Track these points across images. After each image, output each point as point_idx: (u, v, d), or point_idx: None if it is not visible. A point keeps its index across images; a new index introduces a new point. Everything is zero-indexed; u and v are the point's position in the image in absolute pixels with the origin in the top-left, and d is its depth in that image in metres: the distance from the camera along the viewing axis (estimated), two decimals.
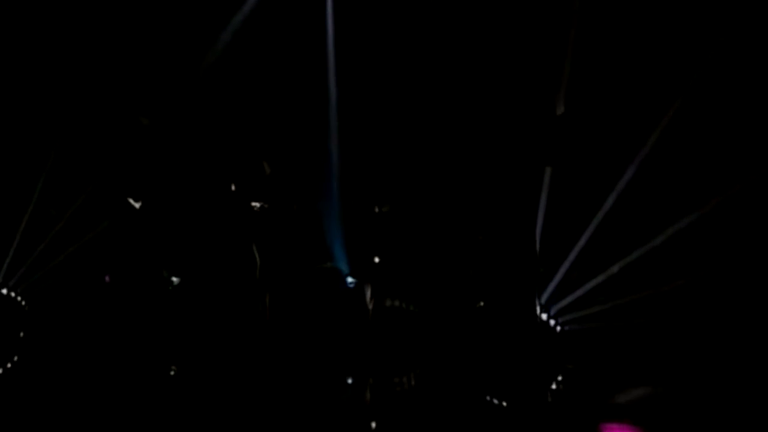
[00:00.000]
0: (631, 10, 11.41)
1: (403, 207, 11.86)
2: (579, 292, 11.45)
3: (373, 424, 11.18)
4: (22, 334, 11.96)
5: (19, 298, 12.05)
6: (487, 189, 11.61)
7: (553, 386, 11.13)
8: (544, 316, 11.37)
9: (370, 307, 11.76)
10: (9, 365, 11.73)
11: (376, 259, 11.93)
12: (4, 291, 12.06)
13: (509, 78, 11.51)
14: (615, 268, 11.16)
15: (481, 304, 11.51)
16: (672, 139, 11.33)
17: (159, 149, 12.12)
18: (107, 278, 12.12)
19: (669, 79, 11.35)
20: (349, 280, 11.87)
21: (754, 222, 11.06)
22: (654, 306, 11.21)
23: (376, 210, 12.01)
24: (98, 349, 11.76)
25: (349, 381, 11.53)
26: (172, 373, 11.70)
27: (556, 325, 11.42)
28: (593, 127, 11.53)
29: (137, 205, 12.28)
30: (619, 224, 11.39)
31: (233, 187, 12.22)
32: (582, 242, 11.43)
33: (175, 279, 12.09)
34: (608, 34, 11.45)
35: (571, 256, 11.45)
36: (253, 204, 12.14)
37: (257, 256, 11.95)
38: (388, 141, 12.01)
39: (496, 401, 11.25)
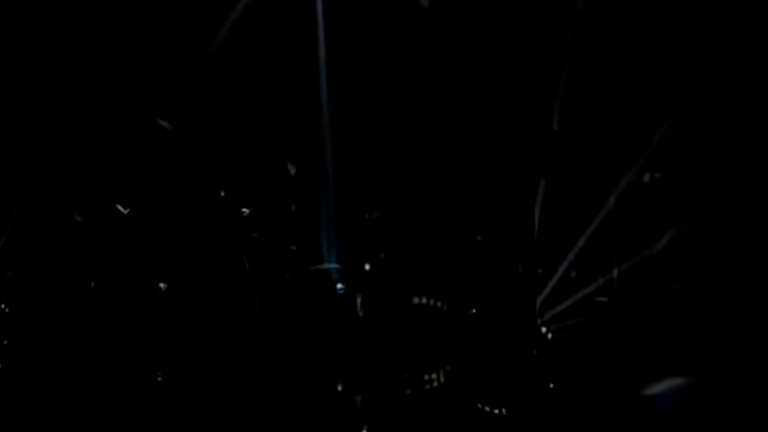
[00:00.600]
0: (625, 26, 11.44)
1: (395, 212, 11.78)
2: (570, 301, 11.37)
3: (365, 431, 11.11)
4: (5, 341, 11.76)
5: (2, 305, 11.86)
6: (485, 192, 11.59)
7: (545, 393, 11.07)
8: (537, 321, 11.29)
9: (361, 314, 11.67)
10: None
11: (367, 267, 11.85)
12: None
13: (503, 82, 11.52)
14: (614, 273, 11.10)
15: (473, 311, 11.46)
16: (666, 149, 11.35)
17: (149, 154, 12.03)
18: (92, 284, 11.99)
19: (663, 89, 11.36)
20: (339, 286, 11.77)
21: (748, 228, 11.04)
22: (646, 313, 11.14)
23: (366, 216, 11.95)
24: (83, 355, 11.58)
25: (339, 388, 11.45)
26: (159, 379, 11.57)
27: (547, 332, 11.33)
28: (587, 138, 11.51)
29: (125, 211, 12.20)
30: (611, 232, 11.33)
31: (222, 193, 12.18)
32: (573, 251, 11.37)
33: (162, 285, 11.97)
34: (604, 48, 11.46)
35: (564, 264, 11.38)
36: (243, 210, 12.09)
37: (246, 262, 11.86)
38: (381, 147, 11.94)
39: (488, 409, 11.20)
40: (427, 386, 11.25)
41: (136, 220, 12.08)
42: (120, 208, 12.15)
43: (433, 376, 11.32)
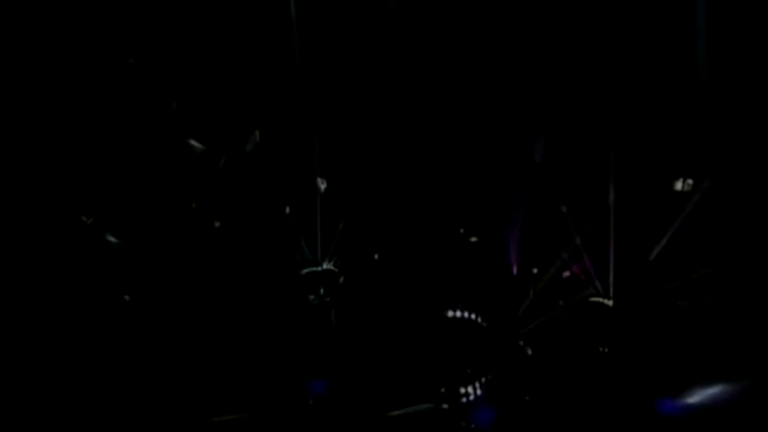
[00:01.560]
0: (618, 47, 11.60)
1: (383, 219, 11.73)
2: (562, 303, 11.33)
3: None
4: None
5: None
6: (479, 194, 11.60)
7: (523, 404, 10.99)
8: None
9: (335, 324, 11.54)
10: None
11: (341, 279, 11.77)
12: None
13: (498, 83, 11.57)
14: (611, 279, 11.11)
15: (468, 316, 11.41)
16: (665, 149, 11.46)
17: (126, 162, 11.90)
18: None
19: (662, 88, 11.47)
20: (312, 297, 11.64)
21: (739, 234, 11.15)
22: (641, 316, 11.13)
23: (341, 226, 11.90)
24: (54, 369, 11.18)
25: (311, 401, 11.24)
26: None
27: (525, 346, 11.26)
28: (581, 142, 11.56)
29: (89, 221, 12.01)
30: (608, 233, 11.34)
31: (193, 205, 12.08)
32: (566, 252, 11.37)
33: (126, 297, 11.74)
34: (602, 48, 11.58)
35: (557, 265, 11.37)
36: (215, 222, 12.00)
37: (221, 272, 11.70)
38: (370, 156, 11.91)
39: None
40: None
41: (104, 229, 11.88)
42: (84, 218, 11.99)
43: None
